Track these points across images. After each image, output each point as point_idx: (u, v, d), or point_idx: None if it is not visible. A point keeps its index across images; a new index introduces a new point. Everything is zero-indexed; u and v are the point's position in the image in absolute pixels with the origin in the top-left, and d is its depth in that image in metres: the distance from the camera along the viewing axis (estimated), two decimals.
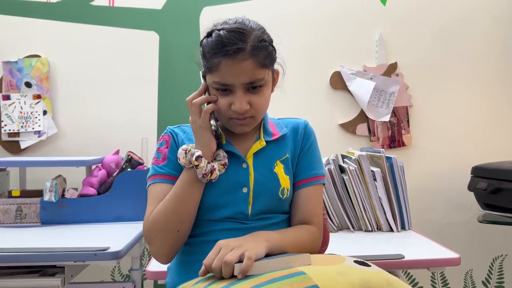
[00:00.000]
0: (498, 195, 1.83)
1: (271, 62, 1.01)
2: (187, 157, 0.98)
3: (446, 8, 2.21)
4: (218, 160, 1.01)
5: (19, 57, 2.10)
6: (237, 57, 0.94)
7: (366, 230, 1.70)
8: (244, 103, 0.97)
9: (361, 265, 0.83)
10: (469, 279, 2.24)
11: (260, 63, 0.97)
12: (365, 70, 2.18)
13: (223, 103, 0.98)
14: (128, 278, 2.12)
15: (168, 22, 2.15)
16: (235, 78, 0.96)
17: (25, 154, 2.12)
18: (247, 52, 0.95)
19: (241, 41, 0.94)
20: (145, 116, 2.14)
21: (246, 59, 0.95)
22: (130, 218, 1.75)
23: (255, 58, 0.96)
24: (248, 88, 0.98)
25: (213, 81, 0.98)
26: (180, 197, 0.98)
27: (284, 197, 1.05)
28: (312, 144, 1.12)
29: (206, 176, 0.98)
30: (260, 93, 1.00)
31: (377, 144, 2.18)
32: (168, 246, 0.99)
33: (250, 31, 0.97)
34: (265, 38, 0.99)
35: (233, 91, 0.97)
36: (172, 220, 0.98)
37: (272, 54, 1.01)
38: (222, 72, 0.96)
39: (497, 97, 2.24)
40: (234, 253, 0.83)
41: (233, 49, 0.93)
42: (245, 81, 0.96)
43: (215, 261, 0.83)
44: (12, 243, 1.44)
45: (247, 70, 0.95)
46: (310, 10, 2.18)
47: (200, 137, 1.00)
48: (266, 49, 0.98)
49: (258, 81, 0.98)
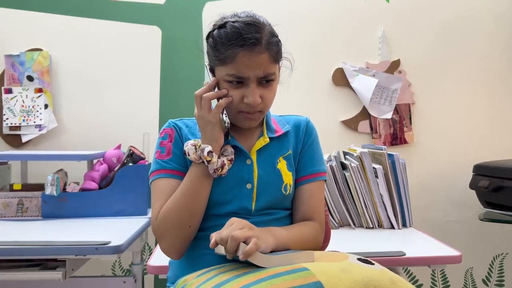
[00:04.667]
0: (500, 193, 1.83)
1: (280, 58, 1.03)
2: (197, 153, 0.97)
3: (449, 6, 2.21)
4: (225, 156, 1.01)
5: (21, 51, 2.10)
6: (254, 50, 0.95)
7: (367, 227, 1.70)
8: (257, 97, 0.98)
9: (365, 263, 0.83)
10: (469, 277, 2.24)
11: (273, 57, 0.98)
12: (368, 67, 2.17)
13: (236, 96, 0.98)
14: (129, 273, 2.13)
15: (171, 17, 2.15)
16: (251, 70, 0.96)
17: (26, 148, 2.12)
18: (263, 45, 0.96)
19: (258, 34, 0.95)
20: (147, 110, 2.14)
21: (262, 52, 0.96)
22: (131, 212, 1.75)
23: (269, 52, 0.97)
24: (260, 82, 0.99)
25: (227, 73, 0.97)
26: (190, 193, 0.98)
27: (287, 193, 1.05)
28: (314, 141, 1.12)
29: (217, 172, 0.98)
30: (270, 87, 1.01)
31: (379, 141, 2.18)
32: (180, 241, 0.99)
33: (263, 25, 0.99)
34: (275, 33, 1.01)
35: (247, 84, 0.98)
36: (184, 216, 0.97)
37: (281, 50, 1.03)
38: (239, 64, 0.95)
39: (499, 95, 2.24)
40: (244, 232, 0.84)
41: (252, 41, 0.94)
42: (260, 75, 0.97)
43: (225, 232, 0.84)
44: (13, 236, 1.44)
45: (262, 63, 0.96)
46: (313, 7, 2.17)
47: (209, 132, 0.99)
48: (278, 44, 1.00)
49: (270, 75, 0.99)
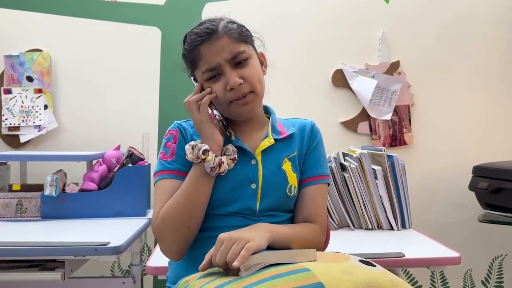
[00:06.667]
0: (499, 195, 1.83)
1: (247, 38, 1.06)
2: (194, 152, 0.98)
3: (449, 7, 2.21)
4: (227, 155, 1.01)
5: (21, 51, 2.09)
6: (211, 38, 1.00)
7: (367, 228, 1.70)
8: (236, 78, 1.00)
9: (366, 264, 0.82)
10: (468, 278, 2.24)
11: (235, 38, 1.02)
12: (368, 68, 2.17)
13: (219, 88, 1.01)
14: (128, 273, 2.13)
15: (171, 18, 2.15)
16: (217, 56, 1.00)
17: (26, 148, 2.11)
18: (219, 31, 1.01)
19: (211, 25, 1.02)
20: (147, 111, 2.14)
21: (220, 37, 1.01)
22: (130, 213, 1.75)
23: (229, 35, 1.01)
24: (235, 65, 1.01)
25: (202, 72, 1.02)
26: (189, 192, 0.98)
27: (291, 194, 1.05)
28: (319, 144, 1.13)
29: (214, 170, 0.98)
30: (248, 65, 1.03)
31: (379, 142, 2.18)
32: (179, 242, 0.99)
33: (218, 19, 1.04)
34: (235, 21, 1.05)
35: (222, 72, 1.01)
36: (182, 216, 0.97)
37: (247, 32, 1.06)
38: (204, 57, 1.01)
39: (499, 97, 2.24)
40: (235, 250, 0.82)
41: (207, 31, 1.00)
42: (228, 57, 1.00)
43: (218, 256, 0.83)
44: (12, 237, 1.44)
45: (224, 46, 1.00)
46: (312, 8, 2.17)
47: (204, 132, 1.01)
48: (238, 27, 1.04)
49: (240, 54, 1.01)
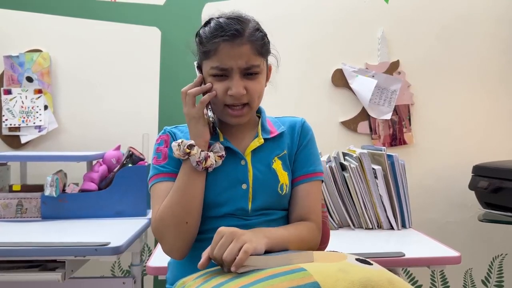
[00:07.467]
0: (499, 194, 1.83)
1: (266, 52, 1.04)
2: (180, 149, 0.98)
3: (449, 7, 2.21)
4: (215, 152, 1.01)
5: (21, 52, 2.10)
6: (235, 41, 0.97)
7: (367, 227, 1.70)
8: (241, 88, 0.99)
9: (363, 263, 0.82)
10: (468, 278, 2.24)
11: (257, 50, 1.00)
12: (367, 68, 2.17)
13: (220, 89, 1.00)
14: (128, 274, 2.13)
15: (170, 18, 2.15)
16: (233, 61, 0.98)
17: (26, 148, 2.12)
18: (245, 37, 0.98)
19: (240, 26, 0.98)
20: (146, 111, 2.14)
21: (244, 43, 0.98)
22: (130, 213, 1.75)
23: (252, 44, 0.99)
24: (244, 74, 1.00)
25: (211, 67, 1.00)
26: (182, 188, 0.98)
27: (283, 193, 1.05)
28: (310, 141, 1.12)
29: (200, 164, 0.98)
30: (256, 80, 1.02)
31: (378, 142, 2.18)
32: (180, 239, 0.99)
33: (247, 20, 1.02)
34: (261, 29, 1.03)
35: (230, 76, 0.99)
36: (180, 213, 0.98)
37: (267, 45, 1.05)
38: (221, 55, 0.98)
39: (499, 96, 2.24)
40: (233, 248, 0.83)
41: (232, 31, 0.97)
42: (243, 66, 0.99)
43: (216, 250, 0.84)
44: (12, 237, 1.44)
45: (244, 54, 0.98)
46: (312, 8, 2.17)
47: (193, 127, 1.01)
48: (262, 38, 1.02)
49: (254, 67, 1.00)
